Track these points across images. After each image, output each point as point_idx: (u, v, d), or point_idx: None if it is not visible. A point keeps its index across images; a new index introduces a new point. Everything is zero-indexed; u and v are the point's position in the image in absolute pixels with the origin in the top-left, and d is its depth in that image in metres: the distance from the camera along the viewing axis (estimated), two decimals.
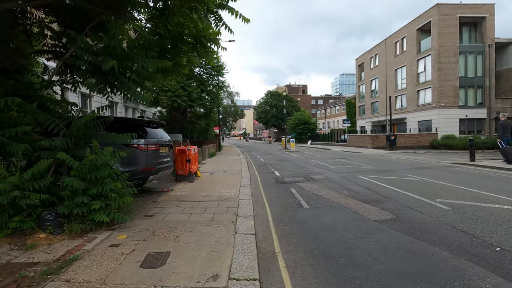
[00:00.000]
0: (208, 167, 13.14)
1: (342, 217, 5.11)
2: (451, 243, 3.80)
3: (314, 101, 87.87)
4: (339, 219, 4.97)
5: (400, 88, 32.86)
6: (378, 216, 5.08)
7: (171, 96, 18.78)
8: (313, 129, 50.76)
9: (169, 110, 23.59)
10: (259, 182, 9.21)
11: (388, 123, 34.80)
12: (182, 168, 8.80)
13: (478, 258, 3.33)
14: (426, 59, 28.17)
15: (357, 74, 44.29)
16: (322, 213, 5.43)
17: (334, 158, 17.58)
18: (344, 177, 9.47)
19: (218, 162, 16.07)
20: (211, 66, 22.01)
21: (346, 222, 4.78)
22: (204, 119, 26.26)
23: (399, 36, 32.52)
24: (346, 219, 4.95)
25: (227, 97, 45.88)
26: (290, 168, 12.60)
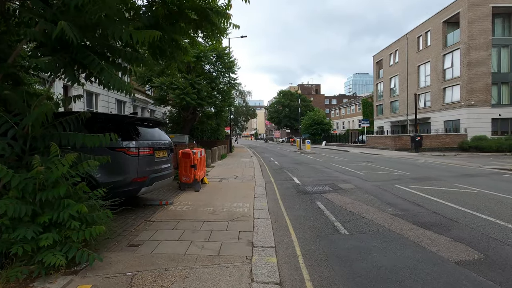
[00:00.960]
0: (218, 172, 11.80)
1: (401, 253, 3.61)
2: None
3: (327, 101, 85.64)
4: (399, 258, 3.47)
5: (423, 86, 30.69)
6: (456, 253, 3.55)
7: (180, 94, 17.58)
8: (328, 129, 48.83)
9: (178, 109, 22.46)
10: (276, 192, 7.77)
11: (409, 123, 32.67)
12: (186, 174, 7.46)
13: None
14: (453, 54, 26.00)
15: (374, 72, 42.16)
16: (369, 244, 3.94)
17: (356, 161, 15.93)
18: (379, 187, 7.91)
19: (228, 165, 14.72)
20: (221, 63, 20.73)
21: (413, 265, 3.27)
22: (215, 118, 25.03)
23: (422, 30, 30.36)
24: (409, 259, 3.45)
25: (238, 97, 44.66)
26: (310, 174, 11.10)
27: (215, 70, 21.76)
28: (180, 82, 18.04)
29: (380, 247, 3.81)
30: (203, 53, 18.33)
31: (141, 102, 25.43)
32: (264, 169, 13.33)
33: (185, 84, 17.83)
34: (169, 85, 17.72)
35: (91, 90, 18.12)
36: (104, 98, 19.75)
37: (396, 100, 36.14)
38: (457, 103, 25.44)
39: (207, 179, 8.88)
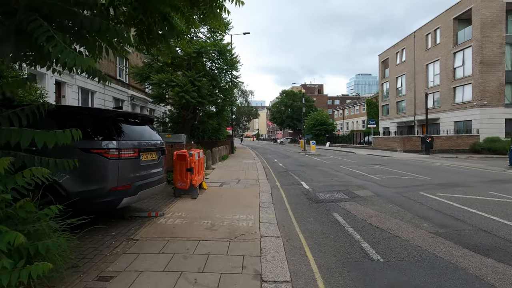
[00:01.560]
0: (218, 175, 10.86)
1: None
2: None
3: (330, 101, 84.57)
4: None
5: (431, 85, 29.65)
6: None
7: (179, 92, 16.66)
8: (331, 130, 47.83)
9: (177, 108, 21.56)
10: (284, 200, 6.81)
11: (416, 124, 31.62)
12: (182, 179, 6.52)
13: None
14: (465, 52, 24.96)
15: (380, 71, 41.13)
16: (417, 278, 2.97)
17: (366, 163, 14.94)
18: (402, 194, 6.94)
19: (230, 167, 13.78)
20: (223, 60, 19.80)
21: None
22: (216, 118, 24.10)
23: (431, 28, 29.34)
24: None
25: (240, 96, 43.75)
26: (319, 177, 10.14)
27: (217, 67, 20.87)
28: (179, 79, 17.13)
29: (433, 285, 2.84)
30: (204, 48, 17.42)
31: (140, 101, 24.57)
32: (268, 172, 12.38)
33: (184, 82, 16.92)
34: (167, 82, 16.82)
35: (86, 87, 17.26)
36: (100, 96, 18.90)
37: (403, 100, 35.11)
38: (469, 103, 24.39)
39: (205, 184, 7.93)
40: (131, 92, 22.62)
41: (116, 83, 20.85)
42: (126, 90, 22.26)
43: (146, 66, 19.14)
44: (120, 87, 21.33)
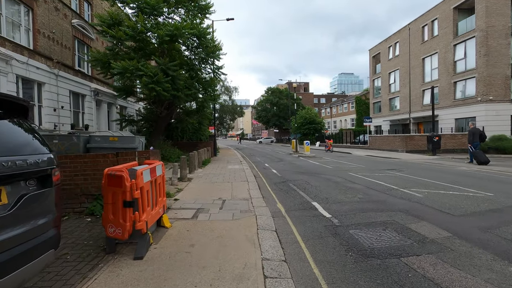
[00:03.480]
0: (194, 192, 7.85)
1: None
2: None
3: (316, 100, 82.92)
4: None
5: (428, 80, 27.83)
6: None
7: (148, 82, 13.46)
8: (320, 129, 45.63)
9: (148, 104, 18.23)
10: (303, 249, 3.93)
11: (412, 122, 29.77)
12: (116, 222, 3.49)
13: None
14: (467, 43, 23.15)
15: (371, 66, 39.25)
16: None
17: (378, 168, 12.38)
18: (504, 238, 4.23)
19: (211, 177, 10.78)
20: (203, 48, 16.70)
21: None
22: (196, 115, 20.96)
23: (428, 19, 27.49)
24: None
25: (224, 93, 40.57)
26: (335, 193, 7.37)
27: (196, 57, 17.72)
28: (149, 67, 13.92)
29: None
30: (179, 31, 14.25)
31: (107, 96, 20.94)
32: (262, 183, 9.49)
33: (155, 71, 13.73)
34: (133, 71, 13.56)
35: (30, 77, 13.71)
36: (51, 89, 15.31)
37: (396, 96, 33.27)
38: (472, 98, 22.59)
39: (167, 220, 4.86)
40: (95, 86, 19.03)
41: (75, 74, 17.27)
42: (88, 83, 18.67)
43: (110, 52, 15.75)
44: (80, 79, 17.74)
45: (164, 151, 16.37)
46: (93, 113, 19.41)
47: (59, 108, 15.87)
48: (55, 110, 15.69)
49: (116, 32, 13.84)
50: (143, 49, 15.55)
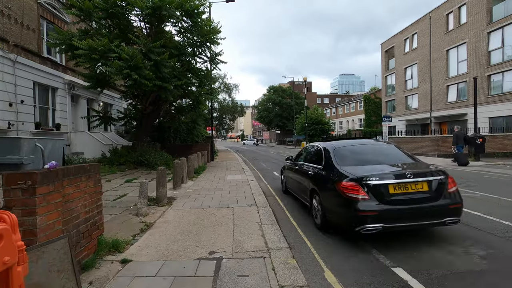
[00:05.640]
0: (168, 234, 4.57)
1: None
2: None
3: (319, 100, 79.87)
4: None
5: (454, 75, 24.62)
6: None
7: (122, 68, 10.24)
8: (327, 129, 42.41)
9: (128, 97, 15.00)
10: None
11: (433, 122, 26.52)
12: None
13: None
14: (505, 30, 19.96)
15: (383, 62, 36.05)
16: None
17: None
18: None
19: (203, 196, 7.54)
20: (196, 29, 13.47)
21: None
22: (189, 113, 17.78)
23: (454, 5, 24.30)
24: None
25: (223, 91, 37.34)
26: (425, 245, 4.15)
27: (189, 41, 14.45)
28: (124, 48, 10.70)
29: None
30: (164, 4, 11.04)
31: (86, 91, 17.58)
32: (278, 209, 6.27)
33: (132, 52, 10.53)
34: (103, 53, 10.35)
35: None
36: (6, 78, 12.07)
37: (414, 94, 30.06)
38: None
39: None
40: (69, 78, 15.76)
41: (42, 63, 14.03)
42: (61, 74, 15.43)
43: (80, 33, 12.55)
44: (49, 68, 14.48)
45: (148, 156, 13.16)
46: (67, 110, 16.14)
47: (17, 102, 12.63)
48: (11, 105, 12.43)
49: (83, 3, 10.65)
50: (123, 31, 12.30)
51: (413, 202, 3.90)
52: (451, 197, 4.05)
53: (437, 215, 3.89)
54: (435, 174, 4.13)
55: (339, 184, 4.14)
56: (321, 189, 4.80)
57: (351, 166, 4.51)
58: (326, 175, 4.78)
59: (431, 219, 3.90)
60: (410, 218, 3.85)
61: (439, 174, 4.13)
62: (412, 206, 3.88)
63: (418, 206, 3.88)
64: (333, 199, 4.37)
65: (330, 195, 4.45)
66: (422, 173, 4.15)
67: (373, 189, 3.90)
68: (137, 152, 13.28)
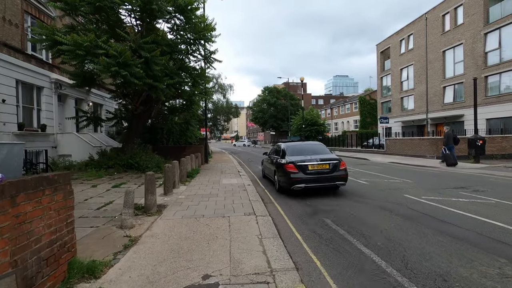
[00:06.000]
0: (154, 251, 3.97)
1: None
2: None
3: (314, 101, 79.75)
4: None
5: (451, 76, 24.48)
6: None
7: (110, 65, 9.59)
8: (323, 131, 42.09)
9: (118, 96, 14.31)
10: None
11: (429, 123, 26.34)
12: None
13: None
14: (502, 31, 19.83)
15: (378, 63, 35.91)
16: None
17: (435, 186, 8.74)
18: None
19: (196, 203, 6.96)
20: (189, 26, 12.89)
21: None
22: (182, 113, 17.16)
23: (450, 6, 24.18)
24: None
25: (218, 91, 36.70)
26: (441, 260, 3.65)
27: (181, 39, 13.80)
28: (112, 45, 10.06)
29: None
30: None
31: (75, 90, 16.81)
32: (278, 217, 5.73)
33: (121, 49, 9.90)
34: (90, 49, 9.69)
35: None
36: None
37: (410, 95, 29.90)
38: (510, 94, 19.24)
39: None
40: (56, 76, 15.00)
41: (26, 60, 13.29)
42: (47, 72, 14.68)
43: (65, 26, 11.86)
44: (33, 66, 13.74)
45: (139, 159, 12.50)
46: (54, 111, 15.37)
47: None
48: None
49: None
50: (112, 27, 11.62)
51: (321, 173, 7.48)
52: (341, 171, 7.64)
53: (332, 181, 7.52)
54: (334, 160, 7.72)
55: (285, 165, 7.73)
56: (278, 169, 8.38)
57: (293, 156, 8.01)
58: (280, 161, 8.28)
59: (329, 182, 7.53)
60: (318, 182, 7.47)
61: (336, 160, 7.73)
62: (320, 176, 7.47)
63: (323, 176, 7.49)
64: (282, 173, 7.92)
65: (281, 171, 7.99)
66: (327, 159, 7.72)
67: (300, 167, 7.45)
68: (127, 155, 12.61)
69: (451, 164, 13.95)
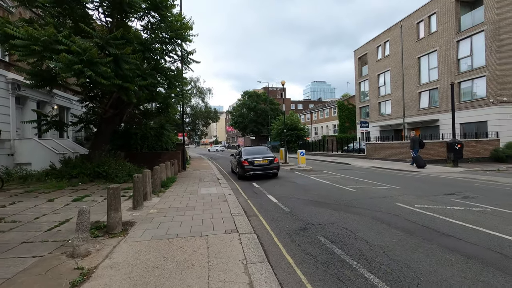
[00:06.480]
0: (119, 279, 3.14)
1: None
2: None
3: (293, 106, 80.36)
4: None
5: (426, 81, 25.16)
6: None
7: (73, 63, 8.50)
8: (303, 135, 42.10)
9: (84, 98, 13.02)
10: None
11: (406, 127, 26.88)
12: None
13: None
14: (473, 39, 20.58)
15: (356, 69, 36.51)
16: None
17: (425, 192, 8.44)
18: None
19: (170, 219, 6.09)
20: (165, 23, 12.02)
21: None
22: (157, 117, 16.10)
23: (424, 14, 24.95)
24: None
25: (196, 95, 35.57)
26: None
27: (156, 38, 12.82)
28: (76, 40, 8.97)
29: None
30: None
31: (36, 92, 15.25)
32: (265, 236, 5.02)
33: (85, 45, 8.85)
34: (47, 44, 8.56)
35: None
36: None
37: (387, 100, 30.50)
38: (483, 100, 19.92)
39: None
40: (13, 76, 13.45)
41: None
42: (3, 71, 13.17)
43: (20, 19, 10.55)
44: None
45: (107, 167, 11.33)
46: (11, 114, 13.82)
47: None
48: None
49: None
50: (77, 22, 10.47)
51: (262, 165, 12.56)
52: (275, 164, 12.79)
53: (269, 169, 12.67)
54: (271, 157, 12.81)
55: (242, 161, 12.60)
56: (238, 164, 13.16)
57: (247, 155, 12.83)
58: (240, 159, 12.91)
59: (267, 171, 12.65)
60: (261, 170, 12.56)
61: (272, 157, 12.84)
62: (262, 166, 12.58)
63: (264, 166, 12.59)
64: (240, 166, 12.75)
65: (240, 165, 12.80)
66: (267, 157, 12.80)
67: (250, 162, 12.49)
68: (94, 163, 11.40)
69: (420, 165, 14.78)
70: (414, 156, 15.42)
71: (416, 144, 15.60)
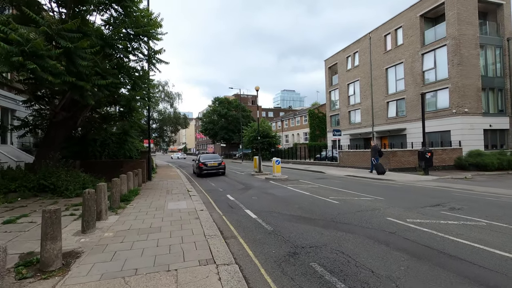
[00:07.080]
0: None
1: None
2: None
3: (264, 113, 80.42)
4: None
5: (393, 92, 26.05)
6: None
7: (12, 54, 7.02)
8: (275, 143, 41.80)
9: (31, 98, 11.20)
10: None
11: (375, 136, 27.58)
12: None
13: None
14: (436, 52, 21.65)
15: (327, 78, 37.21)
16: None
17: (410, 204, 8.07)
18: None
19: (127, 247, 4.93)
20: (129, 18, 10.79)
21: None
22: (119, 122, 14.55)
23: (390, 27, 25.98)
24: None
25: (164, 99, 33.75)
26: None
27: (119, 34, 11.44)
28: (18, 28, 7.49)
29: None
30: None
31: None
32: (250, 268, 4.09)
33: (28, 34, 7.41)
34: None
35: None
36: None
37: (357, 109, 31.22)
38: (446, 110, 20.87)
39: None
40: None
41: None
42: None
43: None
44: None
45: (56, 179, 9.69)
46: None
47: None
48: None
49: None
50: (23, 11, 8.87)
51: (213, 166, 18.68)
52: (222, 166, 18.98)
53: (219, 169, 18.82)
54: (219, 160, 19.53)
55: (199, 164, 18.91)
56: (197, 166, 19.37)
57: (203, 160, 19.20)
58: (198, 162, 19.21)
59: (217, 170, 18.73)
60: (212, 170, 18.68)
61: (221, 160, 19.52)
62: (213, 167, 18.70)
63: (214, 167, 18.73)
64: (198, 167, 19.06)
65: (198, 167, 19.08)
66: (217, 160, 19.17)
67: (204, 164, 18.65)
68: (39, 174, 9.69)
69: (381, 172, 16.00)
70: (375, 164, 16.59)
71: (376, 153, 16.84)
